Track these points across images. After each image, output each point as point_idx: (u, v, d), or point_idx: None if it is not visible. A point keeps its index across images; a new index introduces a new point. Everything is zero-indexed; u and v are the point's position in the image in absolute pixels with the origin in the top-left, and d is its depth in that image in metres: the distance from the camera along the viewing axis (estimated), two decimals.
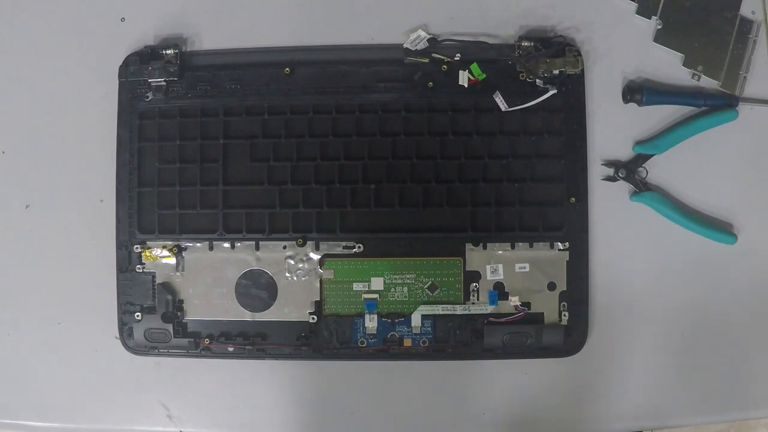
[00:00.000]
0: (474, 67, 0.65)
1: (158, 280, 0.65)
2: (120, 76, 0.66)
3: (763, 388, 0.65)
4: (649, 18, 0.67)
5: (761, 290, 0.66)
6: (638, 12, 0.67)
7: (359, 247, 0.64)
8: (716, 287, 0.66)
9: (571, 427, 0.65)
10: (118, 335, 0.65)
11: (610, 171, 0.66)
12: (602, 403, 0.65)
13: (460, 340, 0.64)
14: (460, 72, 0.65)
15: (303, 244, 0.64)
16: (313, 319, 0.64)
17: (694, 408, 0.65)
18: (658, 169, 0.66)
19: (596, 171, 0.66)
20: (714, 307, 0.66)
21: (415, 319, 0.64)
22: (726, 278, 0.66)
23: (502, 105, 0.64)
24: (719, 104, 0.66)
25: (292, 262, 0.65)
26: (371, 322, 0.64)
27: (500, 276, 0.64)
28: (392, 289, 0.64)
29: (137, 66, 0.66)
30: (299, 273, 0.65)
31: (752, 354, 0.66)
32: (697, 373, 0.65)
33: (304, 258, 0.65)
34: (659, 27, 0.66)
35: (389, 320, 0.64)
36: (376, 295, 0.64)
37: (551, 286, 0.64)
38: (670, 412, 0.65)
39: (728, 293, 0.66)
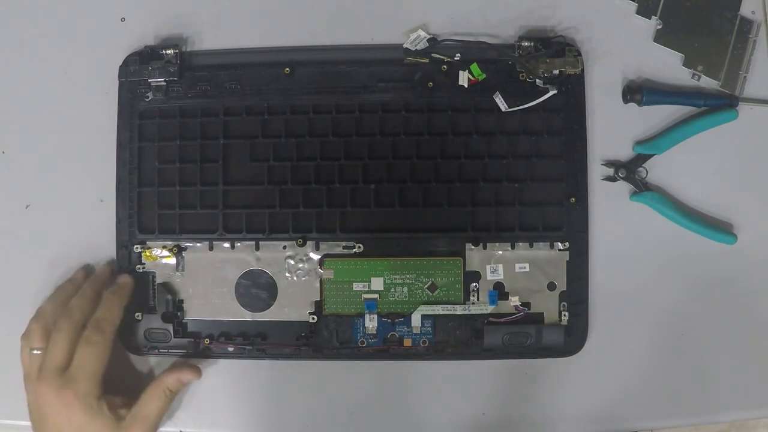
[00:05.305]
0: (474, 67, 0.64)
1: (158, 280, 0.65)
2: (120, 76, 0.66)
3: (763, 388, 0.65)
4: (649, 18, 0.67)
5: (761, 290, 0.66)
6: (638, 12, 0.67)
7: (359, 247, 0.64)
8: (716, 287, 0.66)
9: (571, 427, 0.65)
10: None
11: (610, 171, 0.66)
12: (602, 403, 0.65)
13: (460, 340, 0.64)
14: (460, 72, 0.65)
15: (303, 244, 0.64)
16: (313, 319, 0.64)
17: (695, 408, 0.65)
18: (658, 169, 0.66)
19: (596, 171, 0.66)
20: (714, 307, 0.66)
21: (415, 319, 0.64)
22: (726, 278, 0.66)
23: (502, 105, 0.64)
24: (719, 104, 0.66)
25: (292, 262, 0.65)
26: (371, 322, 0.64)
27: (500, 276, 0.64)
28: (392, 289, 0.64)
29: (137, 66, 0.66)
30: (299, 273, 0.65)
31: (753, 354, 0.65)
32: (697, 372, 0.65)
33: (304, 258, 0.65)
34: (659, 27, 0.66)
35: (389, 320, 0.64)
36: (376, 295, 0.64)
37: (551, 286, 0.64)
38: (671, 411, 0.65)
39: (728, 293, 0.66)
